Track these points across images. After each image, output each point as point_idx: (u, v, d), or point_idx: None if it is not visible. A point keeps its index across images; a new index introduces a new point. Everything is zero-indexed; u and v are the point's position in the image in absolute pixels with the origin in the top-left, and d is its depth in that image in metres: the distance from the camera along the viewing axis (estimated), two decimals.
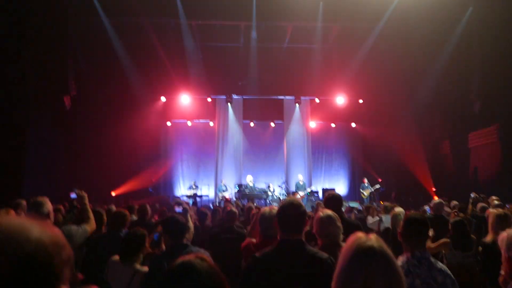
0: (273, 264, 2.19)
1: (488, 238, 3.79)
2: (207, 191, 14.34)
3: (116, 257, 3.13)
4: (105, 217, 4.25)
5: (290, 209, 2.30)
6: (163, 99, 15.10)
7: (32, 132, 10.41)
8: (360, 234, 1.47)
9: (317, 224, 3.05)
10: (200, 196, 13.51)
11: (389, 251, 1.41)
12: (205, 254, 1.57)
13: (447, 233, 4.56)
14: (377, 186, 13.85)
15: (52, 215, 3.27)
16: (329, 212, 3.15)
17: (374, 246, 1.38)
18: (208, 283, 1.13)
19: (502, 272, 2.94)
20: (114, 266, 3.10)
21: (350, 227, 3.34)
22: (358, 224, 3.93)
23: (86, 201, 3.64)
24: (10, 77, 9.18)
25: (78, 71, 12.39)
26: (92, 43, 12.52)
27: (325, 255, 2.29)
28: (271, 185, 13.85)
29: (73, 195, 3.50)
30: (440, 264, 2.37)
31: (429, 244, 4.53)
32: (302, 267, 2.18)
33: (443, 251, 4.36)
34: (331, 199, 3.90)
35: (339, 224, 3.07)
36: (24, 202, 4.73)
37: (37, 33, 9.79)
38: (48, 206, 3.19)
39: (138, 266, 2.92)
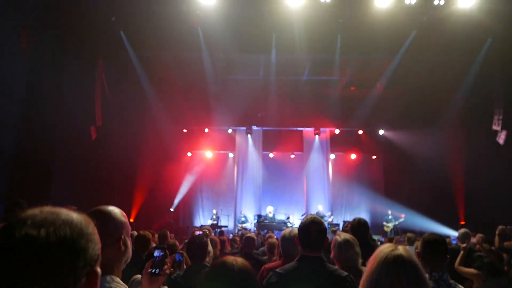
0: (293, 279, 2.21)
1: None
2: (226, 222, 14.28)
3: (138, 277, 3.16)
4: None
5: (312, 226, 2.35)
6: (184, 130, 15.46)
7: (58, 162, 10.76)
8: (389, 244, 1.50)
9: (335, 249, 3.02)
10: (220, 227, 13.44)
11: (417, 261, 1.44)
12: None
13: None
14: (401, 219, 13.49)
15: None
16: (347, 236, 3.13)
17: (403, 254, 1.42)
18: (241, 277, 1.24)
19: None
20: (136, 285, 3.14)
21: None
22: None
23: None
24: (40, 103, 9.59)
25: (104, 103, 12.89)
26: (119, 75, 13.06)
27: (344, 272, 2.29)
28: (291, 217, 13.70)
29: None
30: (459, 286, 2.30)
31: (461, 268, 4.38)
32: (322, 283, 2.20)
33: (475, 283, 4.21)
34: (357, 224, 3.89)
35: (357, 249, 3.03)
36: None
37: (66, 64, 10.28)
38: None
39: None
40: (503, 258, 5.58)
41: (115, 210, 1.64)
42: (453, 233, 11.59)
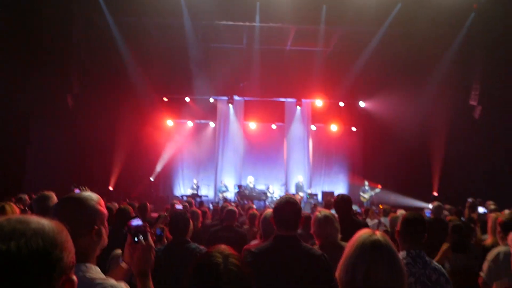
0: (268, 258, 2.24)
1: (488, 241, 3.85)
2: (207, 191, 14.40)
3: (119, 251, 3.18)
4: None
5: (286, 206, 2.37)
6: (165, 99, 15.19)
7: (35, 129, 10.49)
8: (367, 230, 1.56)
9: (315, 225, 3.10)
10: (200, 196, 13.55)
11: (393, 247, 1.50)
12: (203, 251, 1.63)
13: (446, 236, 4.62)
14: (377, 190, 13.88)
15: None
16: (326, 212, 3.21)
17: (380, 239, 1.47)
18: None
19: (481, 274, 3.03)
20: (116, 259, 3.16)
21: (358, 228, 3.41)
22: (366, 224, 4.01)
23: None
24: (13, 74, 9.25)
25: (81, 70, 12.47)
26: (96, 42, 12.57)
27: (318, 251, 2.36)
28: (270, 187, 13.91)
29: (77, 191, 3.55)
30: (434, 263, 2.41)
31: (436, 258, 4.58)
32: (296, 262, 2.24)
33: (448, 255, 4.41)
34: (341, 200, 3.99)
35: (336, 225, 3.12)
36: (26, 197, 4.80)
37: (41, 31, 9.86)
38: (54, 200, 3.26)
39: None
40: (472, 229, 5.88)
41: (91, 197, 1.57)
42: (426, 205, 12.09)
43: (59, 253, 0.80)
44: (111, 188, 13.50)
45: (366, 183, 14.25)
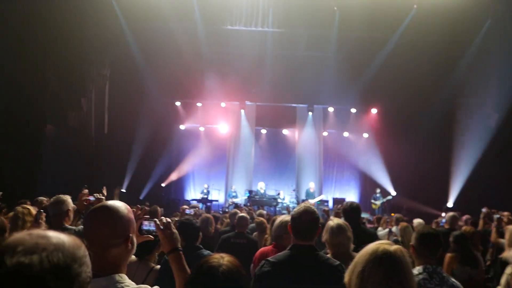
0: (285, 268, 2.24)
1: (505, 254, 3.74)
2: (217, 196, 14.41)
3: (133, 256, 3.20)
4: None
5: (304, 216, 2.36)
6: (177, 103, 15.30)
7: (49, 131, 10.63)
8: (387, 241, 1.55)
9: (328, 234, 3.06)
10: (210, 201, 13.56)
11: (408, 263, 1.47)
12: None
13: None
14: (389, 197, 13.73)
15: (71, 213, 3.36)
16: (340, 221, 3.16)
17: (390, 251, 1.45)
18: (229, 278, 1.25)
19: None
20: (130, 264, 3.17)
21: (366, 237, 3.36)
22: (375, 233, 3.94)
23: None
24: (29, 77, 9.40)
25: (95, 74, 12.63)
26: (110, 46, 12.73)
27: (336, 261, 2.33)
28: (281, 193, 13.85)
29: (91, 198, 3.58)
30: (452, 280, 2.36)
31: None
32: (313, 272, 2.23)
33: (453, 267, 4.30)
34: (349, 208, 3.93)
35: (349, 234, 3.07)
36: (44, 200, 4.85)
37: (54, 34, 10.00)
38: (68, 204, 3.30)
39: (152, 264, 3.01)
40: (488, 240, 5.75)
41: (121, 207, 1.55)
42: (439, 213, 11.89)
43: (78, 268, 0.83)
44: (123, 190, 13.60)
45: (378, 190, 14.10)
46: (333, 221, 3.14)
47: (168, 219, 1.87)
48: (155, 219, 1.84)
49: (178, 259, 1.83)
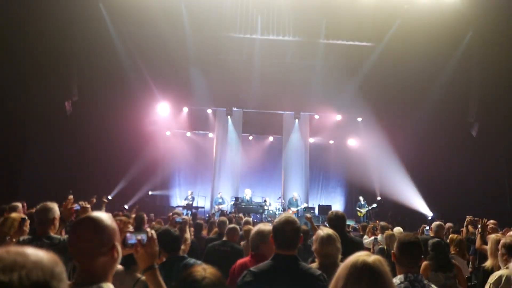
0: (267, 278, 2.24)
1: (488, 263, 3.78)
2: (203, 203, 14.30)
3: (119, 266, 3.13)
4: None
5: (285, 225, 2.36)
6: (164, 108, 15.19)
7: (32, 134, 10.42)
8: (365, 252, 1.58)
9: (317, 243, 3.04)
10: (196, 208, 13.45)
11: (388, 273, 1.49)
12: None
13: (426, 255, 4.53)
14: (374, 205, 13.84)
15: (57, 222, 3.28)
16: (329, 231, 3.14)
17: (369, 262, 1.49)
18: None
19: None
20: (116, 274, 3.11)
21: (353, 245, 3.37)
22: (361, 242, 3.95)
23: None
24: (11, 79, 9.22)
25: (81, 77, 12.46)
26: (97, 50, 12.59)
27: (317, 271, 2.34)
28: (267, 200, 13.82)
29: (76, 207, 3.52)
30: (433, 287, 2.37)
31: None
32: (295, 282, 2.24)
33: (428, 274, 4.34)
34: (335, 217, 3.92)
35: (338, 245, 3.06)
36: (20, 206, 4.73)
37: (41, 37, 9.86)
38: (55, 212, 3.23)
39: (139, 275, 2.95)
40: (468, 247, 5.83)
41: (105, 217, 1.60)
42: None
43: (56, 284, 0.83)
44: (110, 198, 13.38)
45: (361, 198, 14.20)
46: (323, 230, 3.12)
47: (154, 235, 1.88)
48: (142, 236, 1.85)
49: (154, 276, 1.85)
